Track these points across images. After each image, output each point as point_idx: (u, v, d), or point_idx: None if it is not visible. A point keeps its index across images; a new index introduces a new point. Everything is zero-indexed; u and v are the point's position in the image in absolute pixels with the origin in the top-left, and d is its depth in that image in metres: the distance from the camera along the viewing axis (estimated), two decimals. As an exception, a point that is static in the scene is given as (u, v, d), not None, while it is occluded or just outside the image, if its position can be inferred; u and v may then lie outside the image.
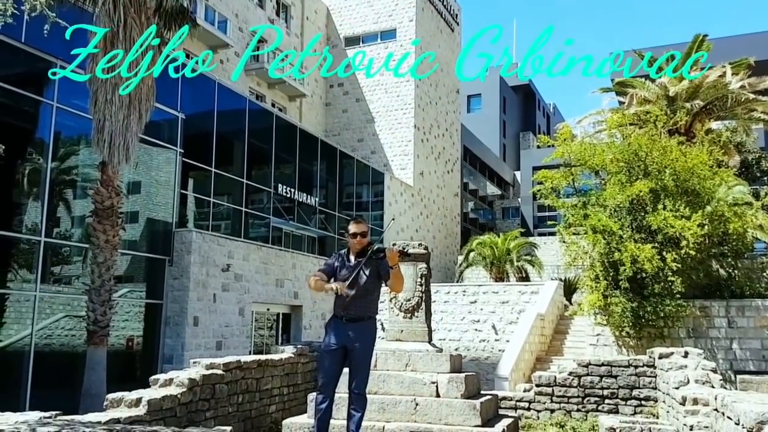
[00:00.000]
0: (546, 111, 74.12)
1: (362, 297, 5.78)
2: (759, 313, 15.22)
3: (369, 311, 5.89)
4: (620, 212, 16.44)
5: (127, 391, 6.90)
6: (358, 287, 5.74)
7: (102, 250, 13.46)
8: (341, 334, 5.79)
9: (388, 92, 38.26)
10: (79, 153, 17.59)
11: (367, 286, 5.79)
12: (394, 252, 5.62)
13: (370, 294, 5.87)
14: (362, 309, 5.81)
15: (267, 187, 24.60)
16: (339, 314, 5.84)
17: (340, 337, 5.78)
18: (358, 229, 5.91)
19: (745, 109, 21.80)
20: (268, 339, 22.50)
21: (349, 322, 5.79)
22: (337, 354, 5.82)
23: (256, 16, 33.27)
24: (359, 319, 5.80)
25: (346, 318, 5.79)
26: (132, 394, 6.74)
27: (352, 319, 5.79)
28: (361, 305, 5.80)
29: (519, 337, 17.57)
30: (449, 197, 43.30)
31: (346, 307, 5.76)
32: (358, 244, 5.88)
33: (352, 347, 5.77)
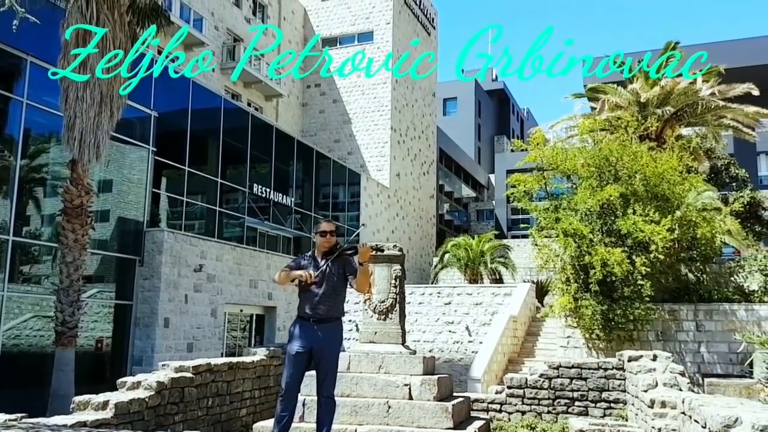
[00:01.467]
0: (520, 115, 74.78)
1: (330, 297, 5.72)
2: (726, 317, 15.50)
3: (337, 311, 5.83)
4: (591, 216, 16.63)
5: (96, 394, 6.80)
6: (327, 286, 5.68)
7: (71, 249, 13.25)
8: (309, 336, 5.68)
9: (365, 94, 38.27)
10: (50, 151, 17.30)
11: (334, 285, 5.74)
12: (366, 248, 5.58)
13: (338, 294, 5.81)
14: (330, 309, 5.74)
15: (242, 187, 24.44)
16: (306, 315, 5.73)
17: (308, 339, 5.68)
18: (329, 228, 5.90)
19: (715, 116, 22.21)
20: (240, 341, 22.34)
21: (317, 323, 5.70)
22: (304, 358, 5.72)
23: (232, 14, 33.03)
24: (328, 319, 5.72)
25: (314, 319, 5.70)
26: (99, 397, 6.64)
27: (321, 319, 5.70)
28: (329, 305, 5.72)
29: (492, 339, 17.68)
30: (425, 199, 43.44)
31: (314, 307, 5.68)
32: (326, 242, 5.84)
33: (320, 350, 5.68)
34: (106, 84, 13.47)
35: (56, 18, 13.90)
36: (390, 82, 38.01)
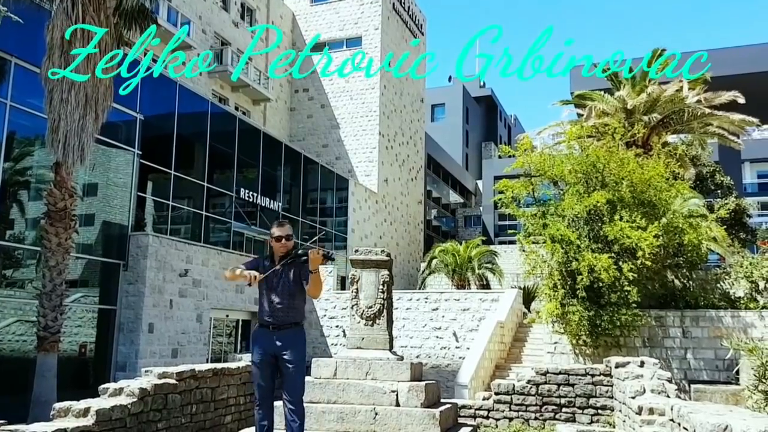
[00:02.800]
0: (507, 122, 75.09)
1: (287, 302, 5.62)
2: (713, 324, 15.55)
3: (296, 317, 5.71)
4: (578, 222, 16.66)
5: (78, 400, 6.67)
6: (283, 292, 5.58)
7: (54, 253, 13.09)
8: (269, 343, 5.60)
9: (353, 99, 38.25)
10: (34, 154, 17.11)
11: (291, 291, 5.63)
12: (317, 255, 5.43)
13: (295, 299, 5.69)
14: (288, 315, 5.63)
15: (229, 191, 24.28)
16: (265, 322, 5.65)
17: (269, 346, 5.60)
18: (282, 233, 5.72)
19: (701, 123, 22.36)
20: (226, 346, 22.16)
21: (275, 329, 5.61)
22: (268, 365, 5.64)
23: (220, 19, 32.91)
24: (286, 325, 5.62)
25: (272, 325, 5.61)
26: (80, 404, 6.51)
27: (279, 326, 5.60)
28: (286, 311, 5.62)
29: (479, 345, 17.65)
30: (413, 204, 43.42)
31: (272, 314, 5.59)
32: (282, 247, 5.70)
33: (281, 356, 5.59)
34: (91, 86, 13.35)
35: (41, 19, 13.76)
36: (378, 88, 38.01)
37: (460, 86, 60.80)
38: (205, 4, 31.65)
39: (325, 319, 24.01)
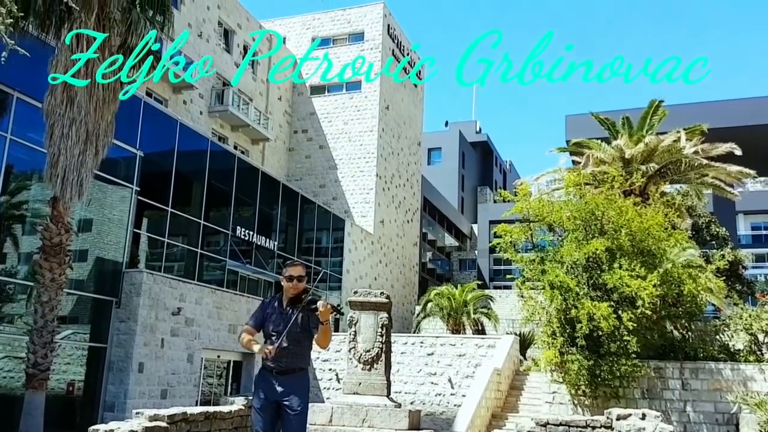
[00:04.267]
0: (503, 167, 75.65)
1: (293, 347, 5.44)
2: (712, 376, 15.35)
3: (301, 362, 5.54)
4: (577, 269, 16.57)
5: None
6: (289, 336, 5.38)
7: (47, 288, 12.89)
8: (272, 388, 5.44)
9: (351, 141, 38.51)
10: (31, 188, 17.04)
11: (298, 336, 5.45)
12: (327, 308, 5.25)
13: (301, 344, 5.53)
14: (293, 360, 5.46)
15: (225, 229, 24.16)
16: (268, 366, 5.48)
17: (271, 392, 5.44)
18: (296, 273, 5.58)
19: (697, 174, 22.50)
20: (216, 388, 21.71)
21: (279, 374, 5.43)
22: (270, 411, 5.47)
23: (222, 59, 33.32)
24: (290, 371, 5.45)
25: (276, 370, 5.44)
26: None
27: (283, 371, 5.43)
28: (292, 356, 5.45)
29: (475, 393, 17.33)
30: (408, 246, 43.33)
31: (276, 358, 5.40)
32: (293, 288, 5.56)
33: (284, 403, 5.42)
34: (92, 121, 13.35)
35: (45, 55, 13.84)
36: (377, 130, 38.32)
37: (457, 131, 61.43)
38: (208, 45, 32.08)
39: (318, 362, 23.63)
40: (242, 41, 35.23)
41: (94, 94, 13.43)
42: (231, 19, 34.16)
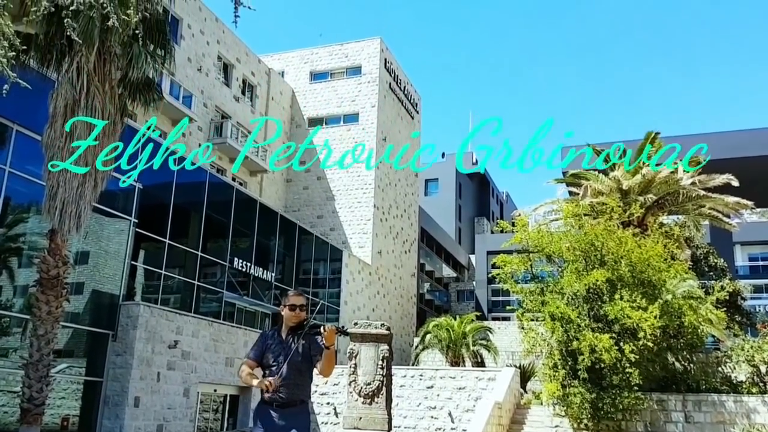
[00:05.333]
0: (499, 198, 75.91)
1: (294, 379, 5.26)
2: (715, 408, 15.17)
3: (302, 394, 5.37)
4: (577, 300, 16.49)
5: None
6: (290, 367, 5.22)
7: (43, 322, 12.75)
8: (272, 422, 5.23)
9: (349, 172, 38.63)
10: (28, 220, 16.97)
11: (299, 366, 5.28)
12: (331, 330, 5.12)
13: (303, 375, 5.36)
14: (294, 392, 5.27)
15: (222, 261, 24.04)
16: (269, 399, 5.25)
17: (271, 425, 5.22)
18: (298, 302, 5.42)
19: (695, 205, 22.56)
20: (212, 423, 21.37)
21: (280, 407, 5.23)
22: None
23: (221, 93, 33.58)
24: (292, 403, 5.26)
25: (277, 403, 5.23)
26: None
27: (284, 404, 5.23)
28: (293, 388, 5.25)
29: (476, 427, 17.05)
30: (406, 277, 43.17)
31: (277, 390, 5.19)
32: (295, 317, 5.39)
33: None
34: (92, 154, 13.36)
35: (45, 88, 13.91)
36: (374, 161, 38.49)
37: (453, 162, 61.74)
38: (208, 79, 32.35)
39: (315, 396, 23.31)
40: (241, 75, 35.55)
41: (95, 128, 13.47)
42: (230, 54, 34.51)
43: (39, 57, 13.93)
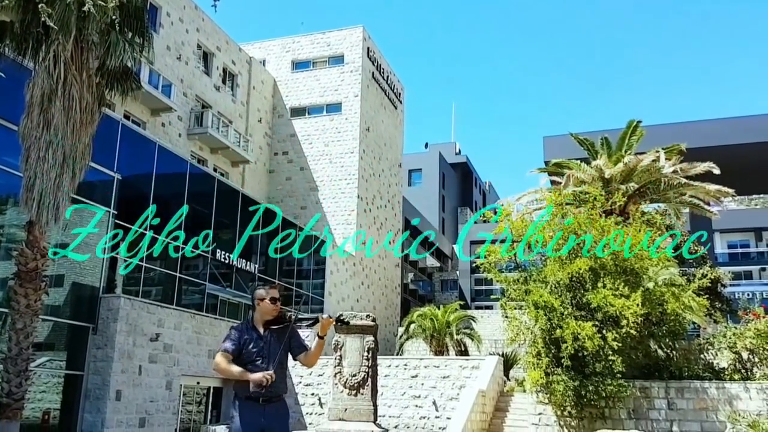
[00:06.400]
0: (482, 188, 76.10)
1: (278, 373, 5.12)
2: (698, 395, 15.31)
3: (283, 388, 5.27)
4: (560, 289, 16.53)
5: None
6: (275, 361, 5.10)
7: (22, 315, 12.56)
8: (257, 418, 5.08)
9: (332, 162, 38.44)
10: (6, 212, 16.65)
11: (281, 360, 5.18)
12: (329, 320, 5.04)
13: (284, 369, 5.29)
14: (278, 387, 5.14)
15: (204, 253, 23.81)
16: (255, 394, 5.05)
17: (257, 422, 5.07)
18: (277, 294, 5.35)
19: (676, 193, 22.70)
20: (196, 415, 21.24)
21: (265, 402, 5.09)
22: None
23: (201, 82, 33.19)
24: (276, 398, 5.16)
25: (263, 398, 5.08)
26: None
27: (269, 398, 5.10)
28: (277, 383, 5.11)
29: (461, 416, 17.13)
30: (390, 268, 43.17)
31: (263, 385, 5.00)
32: (275, 310, 5.28)
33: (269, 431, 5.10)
34: (69, 144, 13.12)
35: (20, 77, 13.63)
36: (357, 152, 38.32)
37: (437, 152, 61.75)
38: (187, 68, 31.94)
39: (300, 387, 23.27)
40: (221, 63, 35.15)
41: (72, 117, 13.22)
42: (210, 42, 34.10)
43: (14, 45, 13.65)
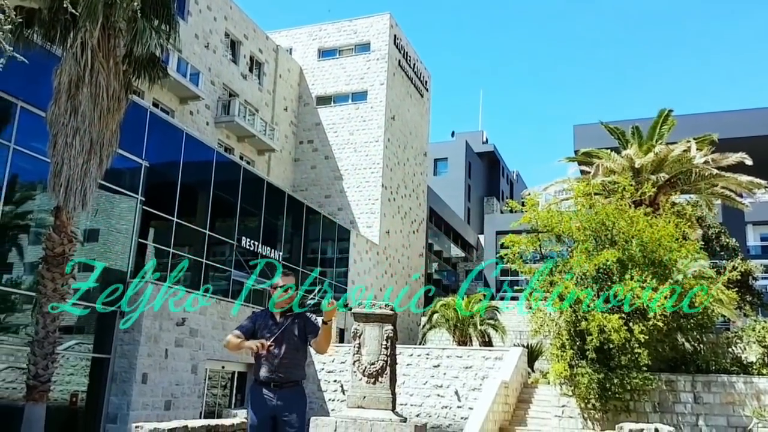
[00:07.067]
0: (510, 178, 75.37)
1: (290, 359, 5.22)
2: (725, 389, 15.04)
3: (298, 375, 5.32)
4: (586, 280, 16.33)
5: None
6: (287, 347, 5.17)
7: (49, 299, 12.76)
8: (268, 403, 5.17)
9: (357, 151, 38.40)
10: (36, 198, 16.94)
11: (295, 345, 5.24)
12: (333, 305, 5.03)
13: (298, 355, 5.32)
14: (291, 372, 5.23)
15: (230, 240, 24.02)
16: (266, 379, 5.20)
17: (268, 406, 5.17)
18: (284, 282, 5.39)
19: (708, 184, 22.23)
20: (221, 399, 21.50)
21: (277, 387, 5.18)
22: (266, 427, 5.19)
23: (228, 71, 33.34)
24: (288, 383, 5.21)
25: (274, 383, 5.18)
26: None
27: (281, 383, 5.19)
28: (289, 368, 5.22)
29: (483, 406, 17.05)
30: (414, 257, 43.10)
31: (274, 371, 5.17)
32: (289, 299, 5.36)
33: (282, 418, 5.15)
34: (96, 131, 13.25)
35: (48, 64, 13.79)
36: (382, 141, 38.22)
37: (463, 141, 61.29)
38: (215, 56, 32.11)
39: (323, 373, 23.40)
40: (248, 52, 35.25)
41: (99, 104, 13.35)
42: (237, 30, 34.21)
43: (43, 32, 13.80)
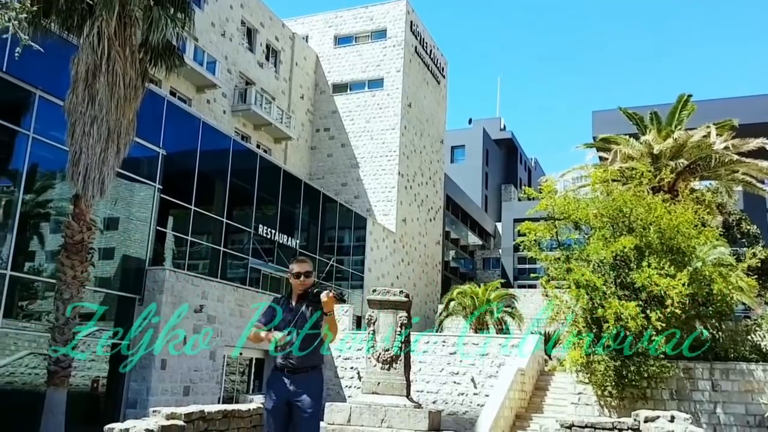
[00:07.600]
0: (528, 165, 74.88)
1: (305, 344, 5.27)
2: (744, 377, 14.89)
3: (313, 360, 5.37)
4: (604, 268, 16.21)
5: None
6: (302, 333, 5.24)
7: (69, 286, 12.93)
8: (284, 388, 5.26)
9: (373, 139, 38.35)
10: (56, 186, 17.14)
11: (310, 332, 5.29)
12: (330, 297, 5.09)
13: (313, 341, 5.34)
14: (306, 358, 5.28)
15: (247, 228, 24.17)
16: (281, 365, 5.30)
17: (283, 392, 5.25)
18: (302, 269, 5.41)
19: (728, 170, 21.92)
20: (239, 385, 21.72)
21: (291, 373, 5.26)
22: (282, 413, 5.27)
23: (245, 59, 33.40)
24: (302, 369, 5.28)
25: (288, 369, 5.26)
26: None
27: (295, 369, 5.25)
28: (304, 353, 5.27)
29: (499, 393, 17.06)
30: (431, 245, 43.07)
31: (288, 356, 5.25)
32: (300, 285, 5.39)
33: (296, 403, 5.23)
34: (114, 119, 13.36)
35: (67, 53, 13.89)
36: (399, 128, 38.13)
37: (481, 128, 60.95)
38: (231, 44, 32.17)
39: (339, 360, 23.54)
40: (265, 40, 35.28)
41: (116, 93, 13.44)
42: (254, 18, 34.23)
43: (60, 21, 13.88)
